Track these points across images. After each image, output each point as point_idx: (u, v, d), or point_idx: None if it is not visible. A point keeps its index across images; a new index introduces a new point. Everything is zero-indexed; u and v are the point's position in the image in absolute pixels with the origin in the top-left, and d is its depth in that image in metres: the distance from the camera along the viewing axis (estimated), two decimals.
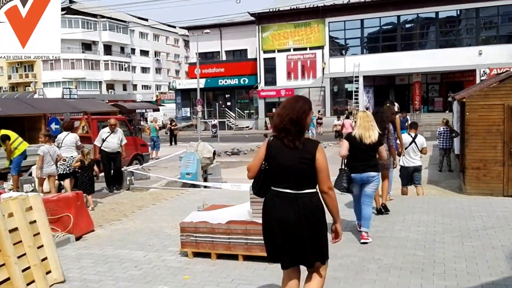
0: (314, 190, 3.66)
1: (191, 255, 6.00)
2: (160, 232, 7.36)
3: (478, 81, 30.26)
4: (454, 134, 14.16)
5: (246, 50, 44.80)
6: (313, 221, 3.62)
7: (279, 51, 39.53)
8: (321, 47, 38.23)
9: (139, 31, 70.87)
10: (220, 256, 5.88)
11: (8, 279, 4.73)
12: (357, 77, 36.70)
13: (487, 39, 35.33)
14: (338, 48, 39.15)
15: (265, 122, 40.08)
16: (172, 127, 29.08)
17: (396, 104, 35.04)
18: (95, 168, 9.90)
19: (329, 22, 37.88)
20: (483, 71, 33.05)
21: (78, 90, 55.31)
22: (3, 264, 4.73)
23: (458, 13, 35.89)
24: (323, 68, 38.10)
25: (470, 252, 5.83)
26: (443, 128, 14.69)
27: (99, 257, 6.25)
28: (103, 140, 11.45)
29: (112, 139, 11.44)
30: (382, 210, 7.85)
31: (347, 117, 27.25)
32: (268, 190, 3.74)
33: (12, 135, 10.98)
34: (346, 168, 6.51)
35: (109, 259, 6.12)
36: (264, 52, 40.10)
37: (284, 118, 3.65)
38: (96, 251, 6.50)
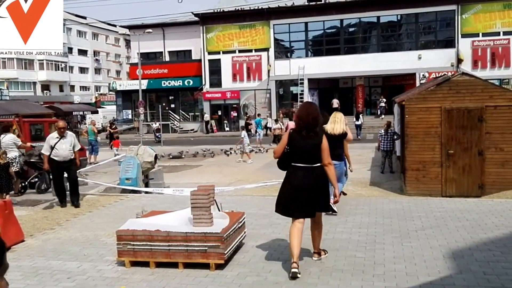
0: (321, 164, 5.36)
1: (128, 264, 5.75)
2: (96, 241, 7.05)
3: (418, 84, 31.28)
4: (396, 137, 14.48)
5: (190, 51, 44.00)
6: (323, 183, 5.40)
7: (224, 52, 39.33)
8: (266, 49, 38.41)
9: (77, 29, 67.34)
10: (160, 265, 5.68)
11: None
12: (302, 79, 37.10)
13: (426, 43, 36.63)
14: (283, 51, 39.48)
15: (211, 125, 39.77)
16: (112, 130, 28.27)
17: (336, 100, 35.22)
18: (11, 170, 10.21)
19: (274, 25, 38.09)
20: (423, 75, 34.24)
21: (10, 91, 52.97)
22: None
23: (399, 18, 37.07)
24: (269, 71, 38.25)
25: (409, 252, 5.92)
26: (384, 130, 15.00)
27: (29, 269, 5.89)
28: (52, 148, 9.71)
29: (62, 146, 9.72)
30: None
31: (290, 119, 27.22)
32: (289, 166, 5.43)
33: None
34: None
35: (39, 271, 5.78)
36: (209, 53, 39.78)
37: (307, 118, 5.31)
38: (26, 263, 6.12)
